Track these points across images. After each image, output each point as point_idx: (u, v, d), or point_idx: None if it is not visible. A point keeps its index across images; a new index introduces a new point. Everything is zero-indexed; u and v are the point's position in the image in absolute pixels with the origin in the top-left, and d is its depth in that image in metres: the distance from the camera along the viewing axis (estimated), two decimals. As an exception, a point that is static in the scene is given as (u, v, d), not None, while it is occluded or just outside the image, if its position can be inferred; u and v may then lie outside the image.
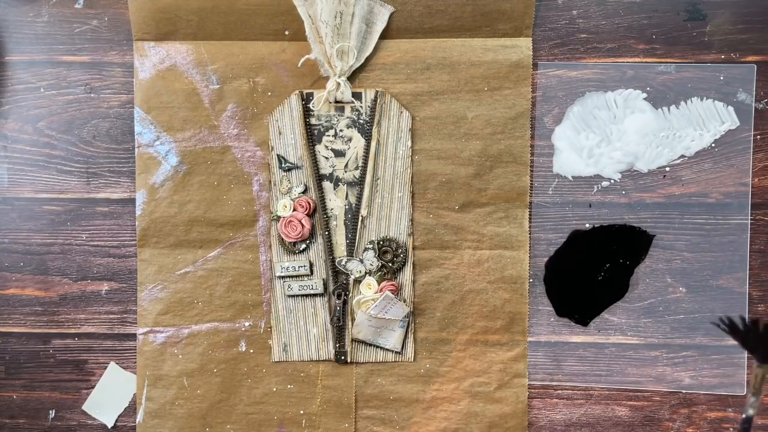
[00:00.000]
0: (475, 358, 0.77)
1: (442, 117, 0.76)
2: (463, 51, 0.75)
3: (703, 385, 0.77)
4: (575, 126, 0.76)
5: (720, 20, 0.75)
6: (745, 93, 0.75)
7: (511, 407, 0.77)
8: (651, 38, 0.76)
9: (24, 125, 0.77)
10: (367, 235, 0.76)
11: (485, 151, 0.76)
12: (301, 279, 0.76)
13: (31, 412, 0.79)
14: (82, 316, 0.78)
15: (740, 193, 0.76)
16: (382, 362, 0.77)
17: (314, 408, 0.78)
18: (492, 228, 0.76)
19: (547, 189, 0.77)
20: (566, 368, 0.77)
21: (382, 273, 0.76)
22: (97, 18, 0.77)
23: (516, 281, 0.77)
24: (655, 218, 0.76)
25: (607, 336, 0.77)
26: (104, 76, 0.77)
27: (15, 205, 0.78)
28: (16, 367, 0.78)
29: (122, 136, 0.77)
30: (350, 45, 0.74)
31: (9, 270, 0.78)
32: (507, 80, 0.75)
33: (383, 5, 0.74)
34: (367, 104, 0.76)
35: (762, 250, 0.76)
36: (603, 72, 0.76)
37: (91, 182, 0.77)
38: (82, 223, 0.78)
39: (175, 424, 0.77)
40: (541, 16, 0.76)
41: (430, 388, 0.77)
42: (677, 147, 0.76)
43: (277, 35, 0.76)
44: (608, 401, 0.77)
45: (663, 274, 0.76)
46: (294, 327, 0.77)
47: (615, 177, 0.76)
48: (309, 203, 0.75)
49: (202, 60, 0.76)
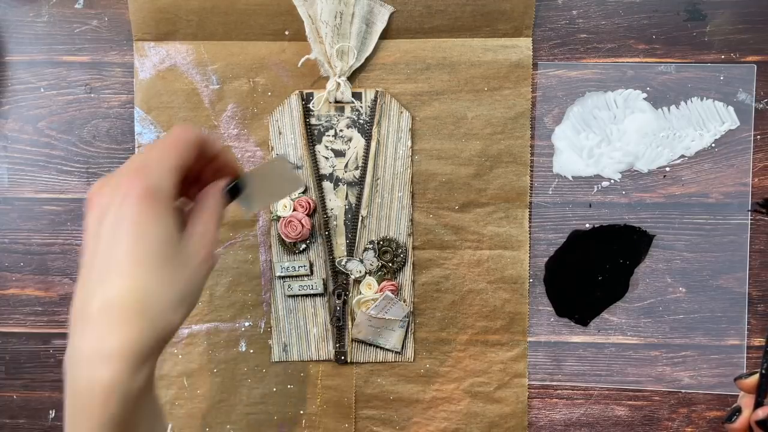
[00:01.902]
0: (475, 359, 0.77)
1: (442, 117, 0.76)
2: (463, 51, 0.75)
3: (702, 384, 0.77)
4: (575, 126, 0.76)
5: (720, 20, 0.75)
6: (745, 93, 0.75)
7: (511, 407, 0.77)
8: (651, 38, 0.76)
9: (24, 125, 0.77)
10: (367, 235, 0.76)
11: (485, 151, 0.76)
12: (301, 279, 0.76)
13: (31, 412, 0.79)
14: (82, 316, 0.78)
15: (740, 193, 0.76)
16: (382, 362, 0.77)
17: (314, 408, 0.78)
18: (492, 228, 0.76)
19: (547, 189, 0.77)
20: (566, 368, 0.77)
21: (382, 273, 0.76)
22: (97, 18, 0.77)
23: (516, 281, 0.77)
24: (655, 218, 0.76)
25: (607, 336, 0.77)
26: (104, 76, 0.77)
27: (15, 205, 0.78)
28: (16, 367, 0.79)
29: (122, 136, 0.77)
30: (350, 45, 0.74)
31: (9, 270, 0.78)
32: (507, 80, 0.75)
33: (383, 5, 0.74)
34: (367, 104, 0.76)
35: (762, 250, 0.76)
36: (603, 72, 0.76)
37: (91, 182, 0.77)
38: (82, 223, 0.78)
39: (175, 424, 0.77)
40: (541, 16, 0.76)
41: (430, 388, 0.77)
42: (677, 147, 0.76)
43: (277, 35, 0.76)
44: (608, 401, 0.77)
45: (663, 274, 0.76)
46: (294, 327, 0.77)
47: (615, 177, 0.76)
48: (309, 203, 0.75)
49: (202, 60, 0.76)
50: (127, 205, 0.47)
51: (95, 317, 0.46)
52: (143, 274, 0.47)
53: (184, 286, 0.49)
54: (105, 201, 0.48)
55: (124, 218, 0.47)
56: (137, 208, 0.47)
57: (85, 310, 0.46)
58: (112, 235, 0.47)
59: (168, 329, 0.48)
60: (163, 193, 0.49)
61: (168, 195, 0.49)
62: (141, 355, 0.46)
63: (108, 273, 0.46)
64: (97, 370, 0.45)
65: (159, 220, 0.48)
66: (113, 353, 0.45)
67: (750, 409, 0.58)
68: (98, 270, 0.47)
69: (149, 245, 0.47)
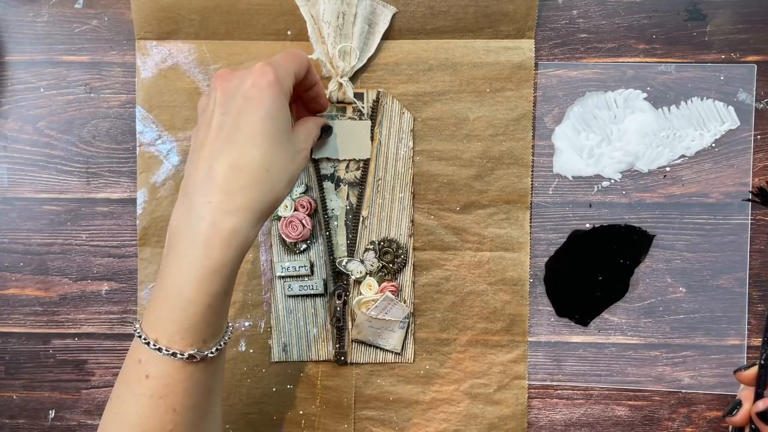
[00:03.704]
0: (475, 360, 0.77)
1: (444, 118, 0.76)
2: (465, 52, 0.75)
3: (702, 384, 0.77)
4: (575, 126, 0.76)
5: (720, 20, 0.75)
6: (745, 93, 0.75)
7: (510, 409, 0.77)
8: (651, 38, 0.76)
9: (24, 125, 0.77)
10: (367, 236, 0.76)
11: (486, 153, 0.76)
12: (302, 279, 0.76)
13: (31, 412, 0.78)
14: (82, 316, 0.78)
15: (740, 193, 0.76)
16: (382, 363, 0.77)
17: (313, 408, 0.78)
18: (493, 230, 0.76)
19: (547, 189, 0.77)
20: (566, 368, 0.78)
21: (382, 274, 0.76)
22: (97, 18, 0.77)
23: (516, 283, 0.77)
24: (655, 218, 0.76)
25: (607, 336, 0.77)
26: (104, 76, 0.77)
27: (15, 205, 0.77)
28: (16, 367, 0.78)
29: (122, 136, 0.77)
30: (352, 45, 0.74)
31: (9, 270, 0.78)
32: (509, 82, 0.75)
33: (386, 6, 0.74)
34: (368, 105, 0.76)
35: (762, 250, 0.76)
36: (603, 72, 0.76)
37: (91, 182, 0.77)
38: (82, 223, 0.78)
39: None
40: (542, 16, 0.76)
41: (430, 390, 0.77)
42: (677, 147, 0.76)
43: (279, 35, 0.76)
44: (608, 401, 0.77)
45: (663, 274, 0.77)
46: (294, 327, 0.77)
47: (615, 177, 0.76)
48: (310, 203, 0.75)
49: (204, 59, 0.76)
50: (258, 88, 0.56)
51: (223, 177, 0.54)
52: (270, 147, 0.55)
53: (293, 167, 0.59)
54: (234, 83, 0.57)
55: (255, 98, 0.55)
56: (267, 92, 0.56)
57: (210, 171, 0.54)
58: (243, 110, 0.55)
59: (280, 198, 0.57)
60: (286, 87, 0.58)
61: (289, 90, 0.59)
62: (261, 213, 0.55)
63: (236, 142, 0.55)
64: (224, 220, 0.53)
65: (283, 106, 0.57)
66: (240, 208, 0.53)
67: (750, 402, 0.58)
68: (226, 137, 0.55)
69: (275, 124, 0.56)
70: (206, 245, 0.53)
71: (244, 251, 0.54)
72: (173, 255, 0.54)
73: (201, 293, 0.53)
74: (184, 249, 0.54)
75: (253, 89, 0.56)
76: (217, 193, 0.53)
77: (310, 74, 0.64)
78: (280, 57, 0.60)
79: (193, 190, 0.54)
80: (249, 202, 0.54)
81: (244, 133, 0.55)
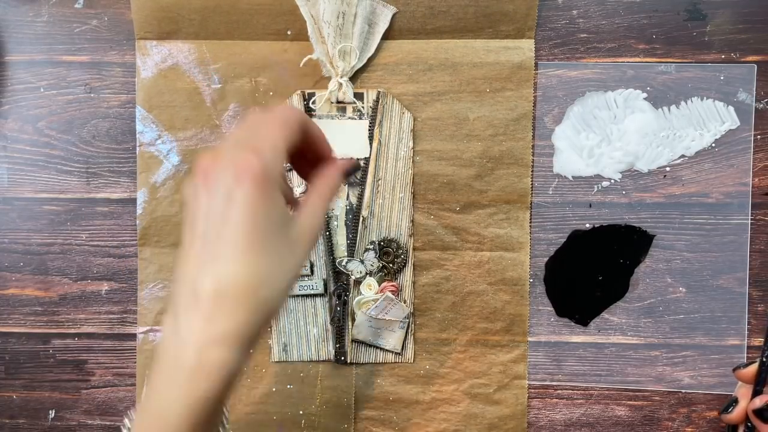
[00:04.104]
0: (475, 360, 0.77)
1: (444, 118, 0.76)
2: (465, 52, 0.75)
3: (702, 384, 0.77)
4: (575, 126, 0.76)
5: (720, 20, 0.75)
6: (745, 93, 0.75)
7: (510, 409, 0.77)
8: (651, 38, 0.76)
9: (24, 125, 0.77)
10: (367, 236, 0.76)
11: (486, 153, 0.76)
12: (302, 279, 0.76)
13: (31, 412, 0.78)
14: (82, 316, 0.78)
15: (740, 192, 0.76)
16: (382, 363, 0.77)
17: (313, 408, 0.78)
18: (493, 230, 0.76)
19: (547, 189, 0.77)
20: (566, 368, 0.77)
21: (382, 274, 0.76)
22: (97, 18, 0.77)
23: (516, 283, 0.77)
24: (655, 218, 0.76)
25: (607, 336, 0.77)
26: (104, 76, 0.77)
27: (15, 205, 0.77)
28: (15, 367, 0.78)
29: (122, 136, 0.77)
30: (352, 45, 0.74)
31: (9, 270, 0.78)
32: (509, 82, 0.75)
33: (386, 6, 0.74)
34: (368, 105, 0.76)
35: (762, 250, 0.76)
36: (603, 72, 0.76)
37: (91, 182, 0.77)
38: (82, 223, 0.78)
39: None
40: (541, 15, 0.76)
41: (430, 390, 0.77)
42: (677, 147, 0.76)
43: (279, 35, 0.76)
44: (608, 401, 0.77)
45: (663, 274, 0.77)
46: (294, 327, 0.77)
47: (615, 177, 0.76)
48: (310, 203, 0.75)
49: (204, 59, 0.76)
50: (243, 186, 0.47)
51: (207, 300, 0.47)
52: (257, 259, 0.48)
53: (291, 267, 0.51)
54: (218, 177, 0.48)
55: (239, 200, 0.47)
56: (253, 190, 0.47)
57: (194, 290, 0.47)
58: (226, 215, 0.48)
59: (274, 312, 0.50)
60: (275, 175, 0.49)
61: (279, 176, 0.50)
62: (250, 338, 0.48)
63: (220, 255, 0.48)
64: (207, 351, 0.47)
65: (273, 203, 0.49)
66: (226, 336, 0.47)
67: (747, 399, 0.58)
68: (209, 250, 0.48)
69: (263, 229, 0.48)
70: (192, 378, 0.48)
71: (233, 381, 0.49)
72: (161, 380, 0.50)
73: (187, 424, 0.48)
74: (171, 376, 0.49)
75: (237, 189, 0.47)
76: (200, 321, 0.47)
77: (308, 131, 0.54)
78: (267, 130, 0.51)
79: (180, 311, 0.49)
80: (236, 329, 0.47)
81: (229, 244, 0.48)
